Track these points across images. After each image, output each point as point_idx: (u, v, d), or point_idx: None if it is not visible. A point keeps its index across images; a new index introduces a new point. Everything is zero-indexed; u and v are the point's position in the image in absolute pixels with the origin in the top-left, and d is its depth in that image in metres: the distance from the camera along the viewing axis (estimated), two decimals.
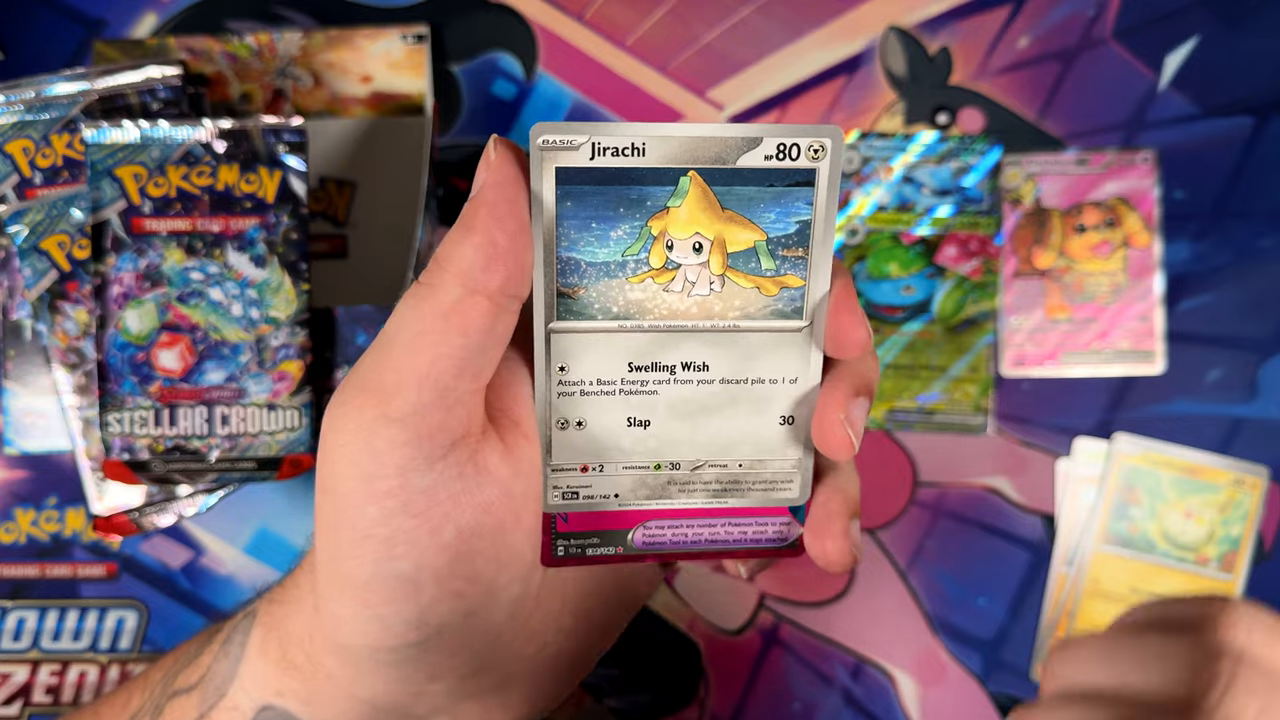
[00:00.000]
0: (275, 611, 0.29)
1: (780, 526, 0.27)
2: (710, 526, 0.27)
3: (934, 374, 0.47)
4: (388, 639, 0.25)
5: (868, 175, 0.48)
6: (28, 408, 0.47)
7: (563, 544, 0.27)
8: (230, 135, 0.41)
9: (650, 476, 0.26)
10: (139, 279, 0.41)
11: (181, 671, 0.31)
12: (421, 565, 0.24)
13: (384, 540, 0.24)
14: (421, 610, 0.25)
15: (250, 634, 0.29)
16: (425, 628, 0.25)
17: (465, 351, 0.23)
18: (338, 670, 0.27)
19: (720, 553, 0.27)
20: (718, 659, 0.48)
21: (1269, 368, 0.47)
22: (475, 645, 0.26)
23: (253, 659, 0.29)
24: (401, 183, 0.47)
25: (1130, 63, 0.48)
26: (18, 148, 0.42)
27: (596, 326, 0.25)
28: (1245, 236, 0.47)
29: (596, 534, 0.27)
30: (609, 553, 0.27)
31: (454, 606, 0.25)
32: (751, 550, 0.27)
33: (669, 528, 0.27)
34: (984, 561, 0.47)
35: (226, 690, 0.29)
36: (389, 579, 0.24)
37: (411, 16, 0.49)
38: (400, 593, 0.24)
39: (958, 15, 0.48)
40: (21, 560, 0.48)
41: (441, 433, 0.24)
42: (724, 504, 0.27)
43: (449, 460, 0.24)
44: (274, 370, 0.42)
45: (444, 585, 0.25)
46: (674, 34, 0.49)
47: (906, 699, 0.47)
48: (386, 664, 0.26)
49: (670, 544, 0.27)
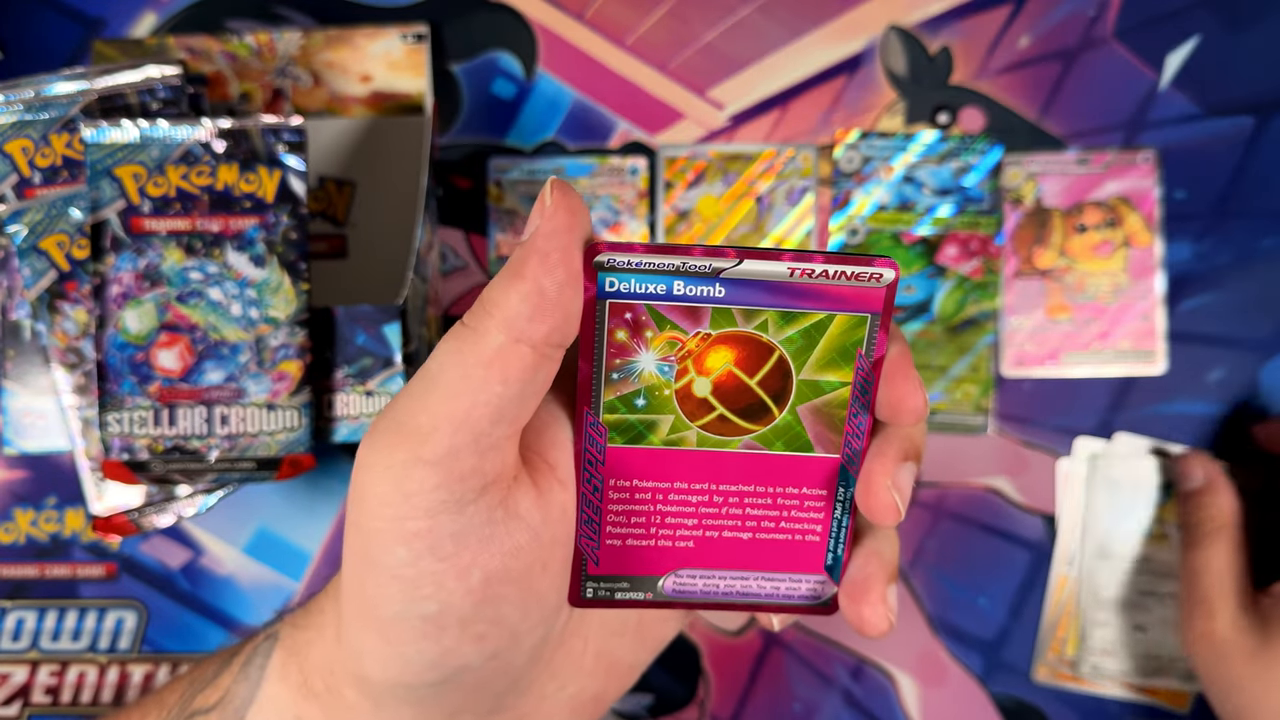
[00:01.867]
0: (298, 637, 0.29)
1: (815, 585, 0.27)
2: (743, 580, 0.26)
3: (935, 374, 0.47)
4: (408, 676, 0.25)
5: (868, 175, 0.48)
6: (27, 408, 0.47)
7: (592, 586, 0.26)
8: (230, 135, 0.41)
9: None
10: (138, 279, 0.41)
11: (200, 692, 0.31)
12: (447, 607, 0.24)
13: (410, 581, 0.24)
14: (444, 651, 0.25)
15: (271, 657, 0.29)
16: (446, 668, 0.25)
17: (504, 400, 0.23)
18: (357, 701, 0.27)
19: (751, 605, 0.27)
20: (718, 659, 0.47)
21: (1270, 368, 0.47)
22: (496, 686, 0.26)
23: (273, 683, 0.28)
24: (401, 182, 0.47)
25: (1131, 62, 0.48)
26: (17, 147, 0.42)
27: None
28: (1246, 236, 0.47)
29: (627, 579, 0.26)
30: (638, 598, 0.26)
31: (477, 649, 0.25)
32: (783, 606, 0.27)
33: (700, 578, 0.26)
34: (984, 562, 0.47)
35: (245, 713, 0.29)
36: (413, 619, 0.24)
37: (411, 16, 0.49)
38: (423, 633, 0.24)
39: (958, 15, 0.48)
40: (21, 560, 0.48)
41: (474, 477, 0.23)
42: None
43: (480, 504, 0.24)
44: (273, 370, 0.42)
45: (468, 629, 0.24)
46: (674, 33, 0.49)
47: (907, 699, 0.47)
48: (405, 700, 0.26)
49: (701, 594, 0.26)
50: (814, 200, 0.48)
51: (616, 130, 0.49)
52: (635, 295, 0.23)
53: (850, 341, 0.24)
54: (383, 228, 0.47)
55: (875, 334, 0.24)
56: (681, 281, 0.23)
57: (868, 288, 0.23)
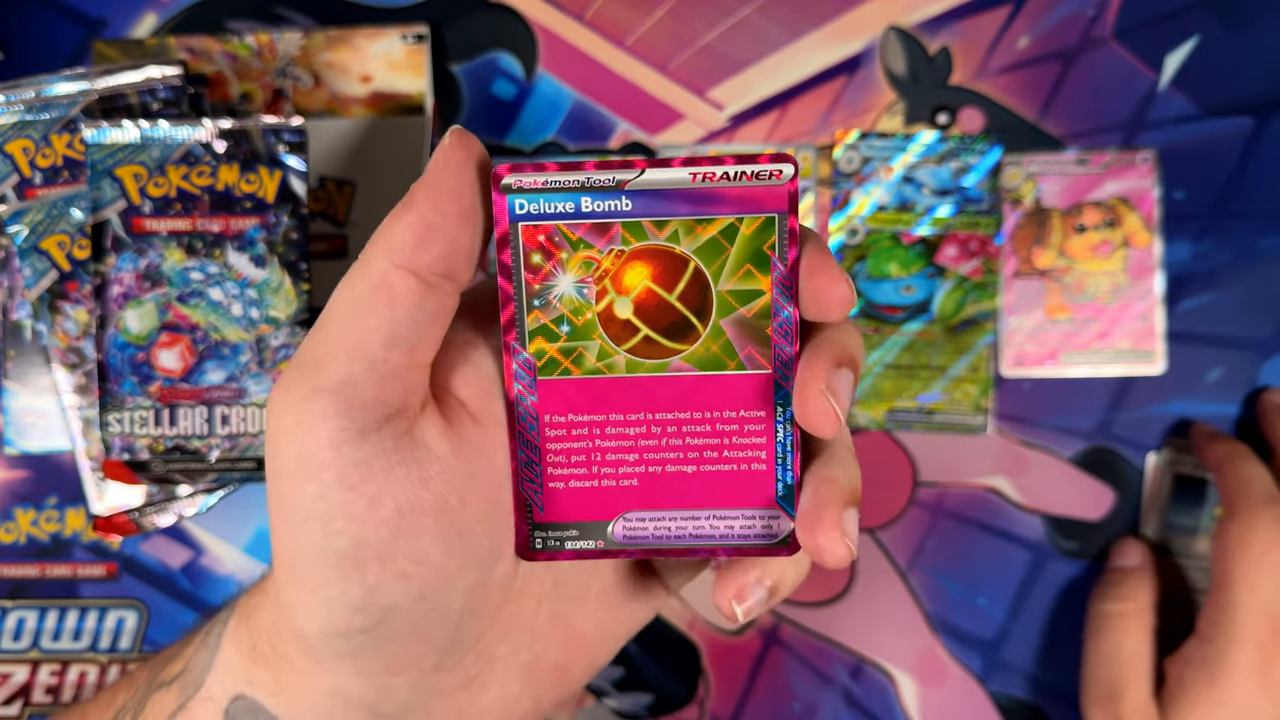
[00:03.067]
0: (249, 603, 0.29)
1: (768, 520, 0.26)
2: (694, 520, 0.26)
3: (934, 374, 0.47)
4: (336, 623, 0.25)
5: (868, 175, 0.48)
6: (28, 408, 0.47)
7: (540, 536, 0.26)
8: (230, 135, 0.41)
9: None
10: (139, 279, 0.41)
11: (167, 665, 0.31)
12: (361, 541, 0.24)
13: (322, 516, 0.24)
14: (367, 591, 0.24)
15: (227, 625, 0.29)
16: (372, 610, 0.25)
17: (394, 324, 0.23)
18: (299, 660, 0.26)
19: (707, 549, 0.26)
20: (718, 659, 0.48)
21: (1269, 368, 0.47)
22: (433, 635, 0.26)
23: (227, 649, 0.28)
24: (401, 183, 0.47)
25: (1130, 63, 0.48)
26: (18, 148, 0.42)
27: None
28: (1245, 236, 0.47)
29: (575, 526, 0.26)
30: (589, 547, 0.26)
31: (401, 588, 0.25)
32: (740, 549, 0.26)
33: (651, 520, 0.26)
34: (984, 561, 0.47)
35: (204, 680, 0.29)
36: (330, 557, 0.24)
37: (411, 16, 0.49)
38: (342, 572, 0.24)
39: (958, 15, 0.48)
40: (21, 560, 0.48)
41: (375, 405, 0.24)
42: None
43: (383, 433, 0.24)
44: (274, 370, 0.42)
45: (387, 565, 0.24)
46: (674, 34, 0.49)
47: (906, 699, 0.47)
48: (342, 654, 0.25)
49: (652, 539, 0.26)
50: (813, 200, 0.48)
51: (616, 131, 0.49)
52: (545, 216, 0.24)
53: (761, 245, 0.24)
54: None
55: (785, 235, 0.24)
56: (588, 197, 0.24)
57: (770, 185, 0.24)
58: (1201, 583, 0.46)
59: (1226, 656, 0.40)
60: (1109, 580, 0.45)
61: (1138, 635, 0.43)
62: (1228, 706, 0.40)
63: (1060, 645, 0.47)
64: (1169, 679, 0.42)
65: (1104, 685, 0.43)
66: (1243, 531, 0.41)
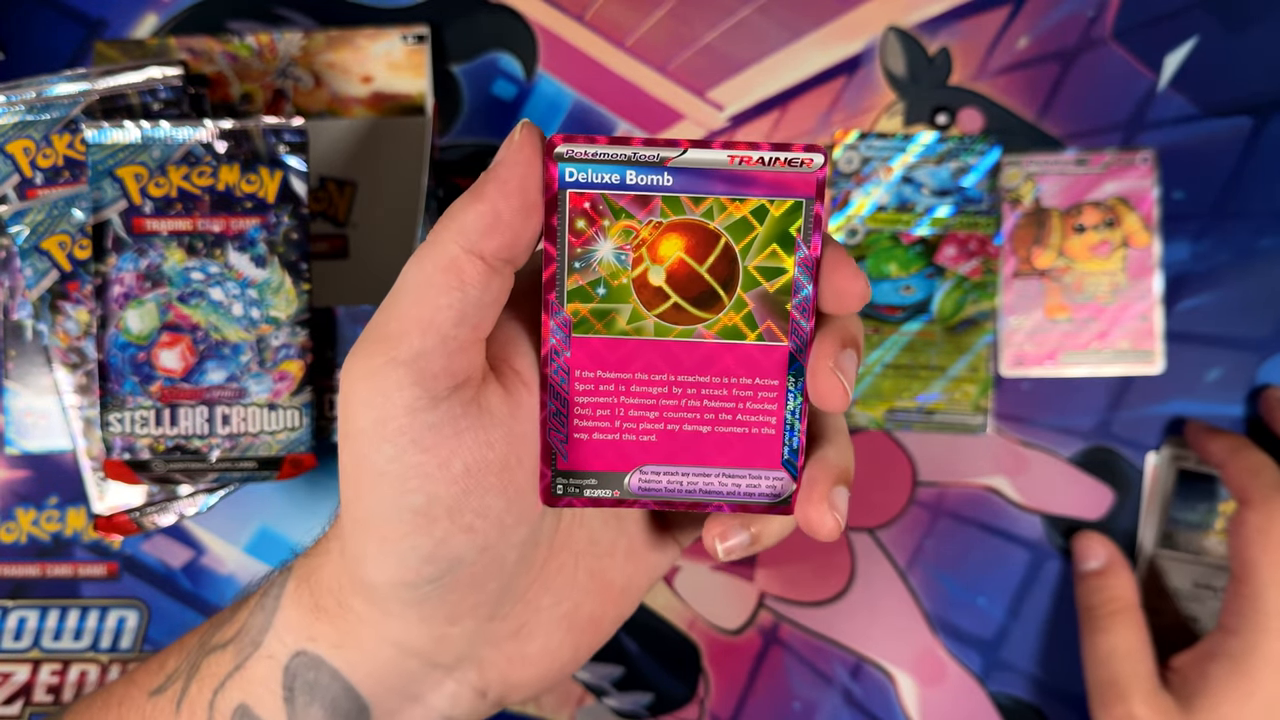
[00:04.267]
0: (308, 564, 0.31)
1: (774, 481, 0.28)
2: (705, 476, 0.28)
3: (934, 374, 0.47)
4: (407, 574, 0.27)
5: (867, 175, 0.48)
6: (29, 407, 0.47)
7: (561, 483, 0.28)
8: (231, 135, 0.41)
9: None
10: (140, 279, 0.41)
11: (218, 630, 0.32)
12: (433, 498, 0.26)
13: (397, 476, 0.26)
14: (435, 543, 0.26)
15: (285, 587, 0.31)
16: (440, 561, 0.27)
17: (464, 303, 0.25)
18: (364, 611, 0.28)
19: (715, 504, 0.28)
20: (718, 658, 0.48)
21: (1269, 368, 0.47)
22: (490, 586, 0.28)
23: (287, 609, 0.30)
24: (402, 183, 0.47)
25: (1130, 63, 0.48)
26: (19, 148, 0.43)
27: None
28: (1245, 236, 0.47)
29: (594, 475, 0.28)
30: (606, 495, 0.28)
31: (467, 540, 0.27)
32: (745, 505, 0.28)
33: (665, 474, 0.28)
34: (984, 561, 0.47)
35: (262, 640, 0.30)
36: (404, 512, 0.26)
37: (412, 17, 0.49)
38: (415, 526, 0.26)
39: (957, 15, 0.48)
40: (22, 560, 0.48)
41: (445, 375, 0.26)
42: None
43: (453, 400, 0.26)
44: (275, 370, 0.42)
45: (456, 519, 0.26)
46: (674, 34, 0.49)
47: (906, 698, 0.47)
48: (409, 602, 0.27)
49: (665, 491, 0.28)
50: None
51: (616, 131, 0.49)
52: (592, 185, 0.26)
53: (789, 227, 0.26)
54: (384, 228, 0.47)
55: (811, 219, 0.26)
56: (633, 171, 0.25)
57: (800, 173, 0.26)
58: (1180, 581, 0.46)
59: (1256, 649, 0.40)
60: (1086, 586, 0.45)
61: (1130, 630, 0.43)
62: (1257, 698, 0.40)
63: (1059, 645, 0.47)
64: (1188, 674, 0.42)
65: (1108, 686, 0.43)
66: (1262, 521, 0.41)
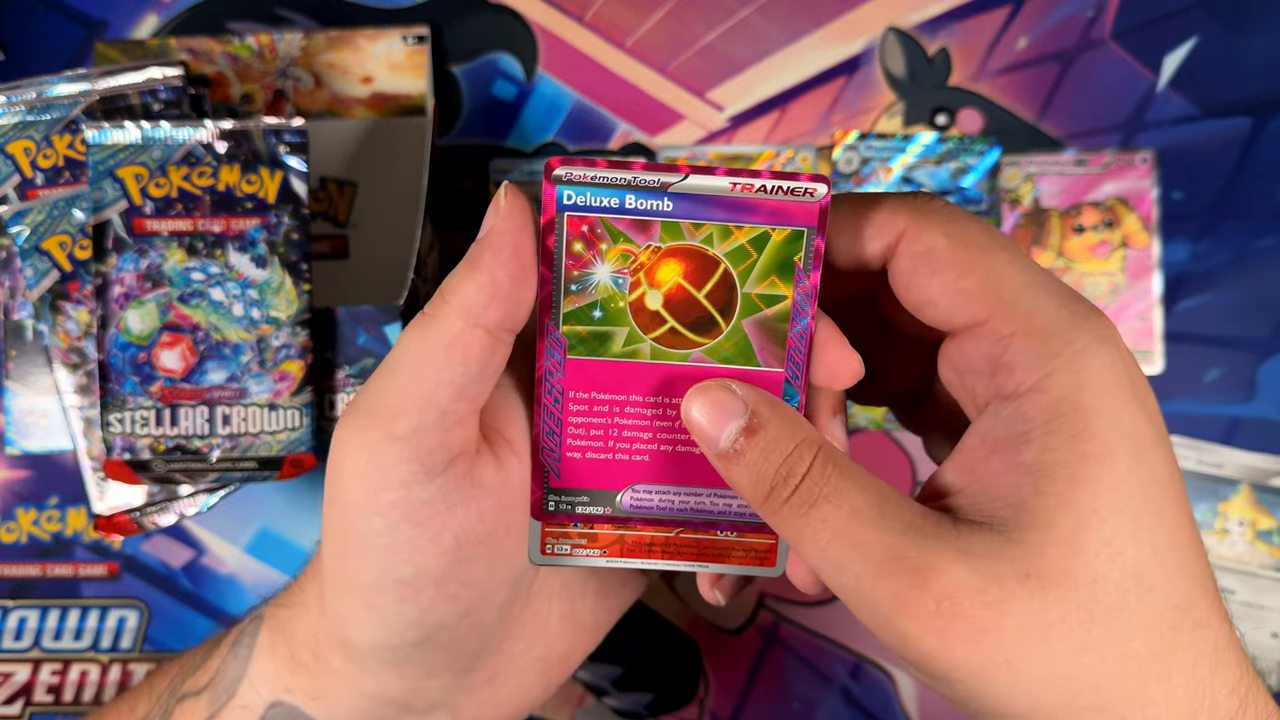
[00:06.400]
0: (281, 614, 0.30)
1: None
2: (696, 496, 0.28)
3: None
4: (390, 638, 0.27)
5: (867, 176, 0.48)
6: (29, 407, 0.47)
7: (554, 499, 0.28)
8: (231, 136, 0.41)
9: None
10: (140, 279, 0.41)
11: (190, 676, 0.32)
12: (422, 570, 0.26)
13: (388, 548, 0.26)
14: (421, 611, 0.26)
15: (258, 636, 0.31)
16: (424, 627, 0.27)
17: (465, 379, 0.25)
18: (343, 667, 0.28)
19: (704, 523, 0.28)
20: (717, 658, 0.48)
21: (1268, 368, 0.47)
22: (469, 645, 0.28)
23: (261, 659, 0.30)
24: (402, 183, 0.47)
25: (1129, 63, 0.48)
26: (19, 148, 0.43)
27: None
28: (1243, 237, 0.47)
29: (587, 493, 0.28)
30: (598, 512, 0.28)
31: (451, 608, 0.27)
32: (735, 524, 0.28)
33: (656, 493, 0.28)
34: None
35: (236, 690, 0.30)
36: (392, 582, 0.26)
37: (412, 17, 0.49)
38: (401, 595, 0.26)
39: (957, 16, 0.48)
40: (23, 560, 0.48)
41: (441, 450, 0.25)
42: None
43: (447, 475, 0.26)
44: (275, 370, 0.42)
45: (442, 589, 0.26)
46: (674, 35, 0.49)
47: (905, 698, 0.47)
48: (389, 662, 0.28)
49: (657, 510, 0.28)
50: None
51: (616, 131, 0.49)
52: (590, 209, 0.25)
53: (789, 255, 0.26)
54: (384, 228, 0.47)
55: (812, 248, 0.26)
56: (633, 195, 0.25)
57: (803, 202, 0.25)
58: None
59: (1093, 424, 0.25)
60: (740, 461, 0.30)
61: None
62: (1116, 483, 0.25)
63: None
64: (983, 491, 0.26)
65: (880, 572, 0.25)
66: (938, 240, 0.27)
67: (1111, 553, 0.22)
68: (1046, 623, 0.22)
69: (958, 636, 0.22)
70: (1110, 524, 0.22)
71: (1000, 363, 0.24)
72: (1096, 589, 0.22)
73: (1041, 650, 0.22)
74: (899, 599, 0.22)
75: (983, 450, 0.24)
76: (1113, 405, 0.23)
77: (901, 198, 0.26)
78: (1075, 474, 0.22)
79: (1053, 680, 0.22)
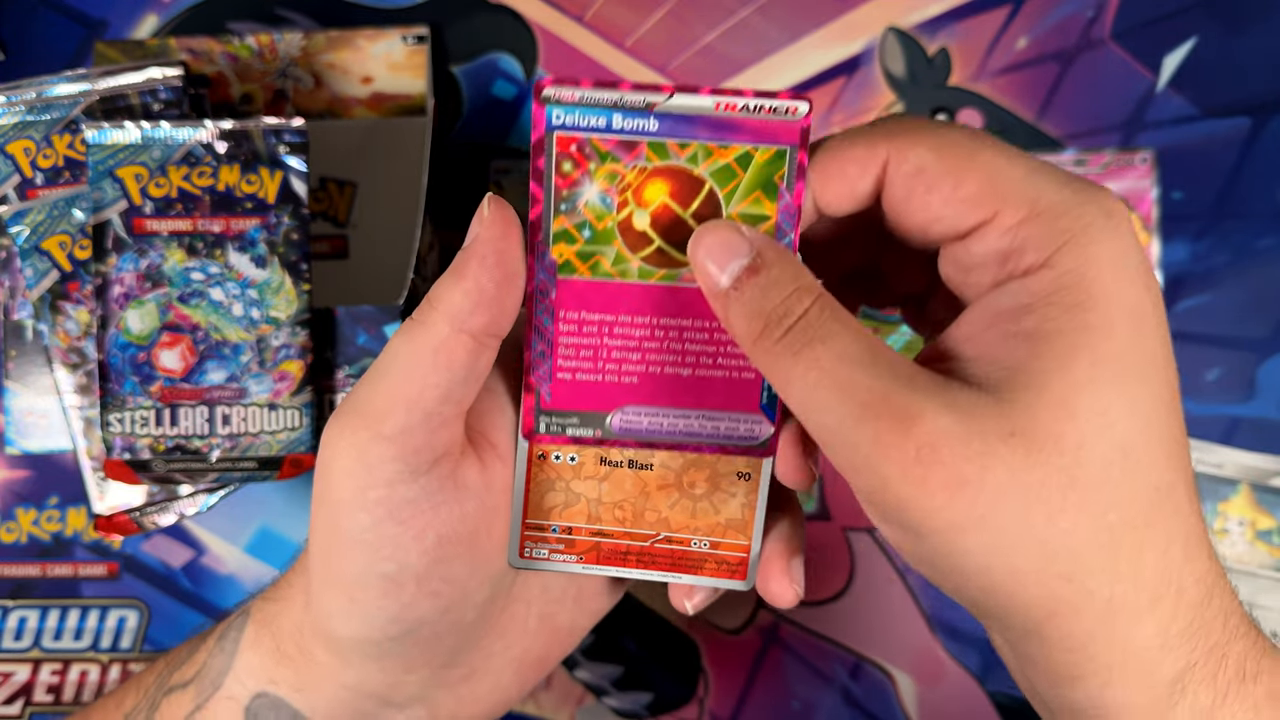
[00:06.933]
0: (268, 609, 0.31)
1: (752, 424, 0.28)
2: (685, 419, 0.28)
3: None
4: (373, 632, 0.28)
5: None
6: (29, 407, 0.47)
7: (545, 420, 0.28)
8: (231, 136, 0.41)
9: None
10: (140, 279, 0.41)
11: (176, 670, 0.33)
12: (404, 567, 0.27)
13: (372, 544, 0.27)
14: (403, 607, 0.27)
15: (245, 630, 0.31)
16: (406, 622, 0.28)
17: (450, 383, 0.26)
18: (326, 659, 0.29)
19: (693, 445, 0.28)
20: (717, 658, 0.48)
21: (1267, 368, 0.47)
22: (448, 641, 0.29)
23: (246, 652, 0.31)
24: (402, 183, 0.47)
25: (1129, 63, 0.48)
26: (19, 148, 0.43)
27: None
28: (1244, 237, 0.47)
29: (577, 414, 0.28)
30: (588, 434, 0.28)
31: (432, 604, 0.28)
32: (724, 447, 0.28)
33: (646, 415, 0.28)
34: None
35: (221, 683, 0.31)
36: (375, 577, 0.27)
37: (412, 17, 0.49)
38: (384, 591, 0.27)
39: (956, 16, 0.48)
40: (23, 560, 0.48)
41: (426, 450, 0.26)
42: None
43: (432, 475, 0.27)
44: (275, 370, 0.42)
45: (423, 586, 0.27)
46: (674, 35, 0.49)
47: (905, 698, 0.47)
48: (370, 656, 0.28)
49: (646, 432, 0.28)
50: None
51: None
52: (578, 128, 0.26)
53: (772, 174, 0.26)
54: (384, 229, 0.47)
55: (794, 167, 0.26)
56: (620, 115, 0.26)
57: (785, 121, 0.26)
58: None
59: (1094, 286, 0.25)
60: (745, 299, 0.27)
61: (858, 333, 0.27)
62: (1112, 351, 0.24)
63: None
64: (981, 353, 0.24)
65: (863, 415, 0.23)
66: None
67: (1103, 422, 0.22)
68: (1026, 484, 0.21)
69: (936, 484, 0.21)
70: (1106, 393, 0.22)
71: (1010, 251, 0.23)
72: (1081, 455, 0.21)
73: (1019, 510, 0.21)
74: (880, 440, 0.22)
75: (984, 321, 0.24)
76: (1118, 280, 0.23)
77: (873, 127, 0.25)
78: (1075, 342, 0.22)
79: (1025, 543, 0.22)
